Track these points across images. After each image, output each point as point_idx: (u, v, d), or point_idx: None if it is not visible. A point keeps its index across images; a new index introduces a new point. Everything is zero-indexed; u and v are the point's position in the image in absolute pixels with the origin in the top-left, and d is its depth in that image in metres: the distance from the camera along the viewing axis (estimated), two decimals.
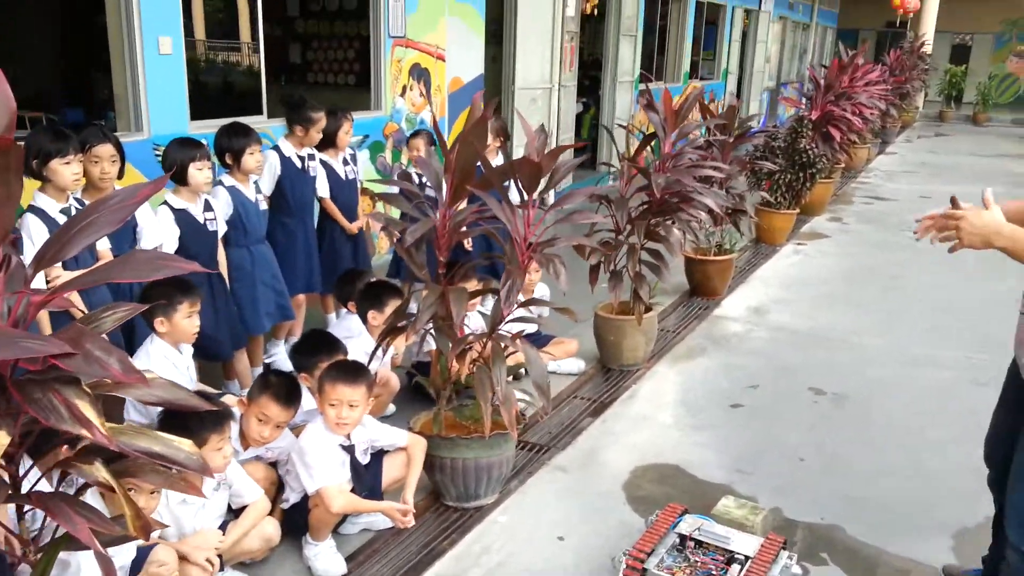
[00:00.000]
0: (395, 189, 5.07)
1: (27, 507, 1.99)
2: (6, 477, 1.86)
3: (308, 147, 4.94)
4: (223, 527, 3.04)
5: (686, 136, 5.72)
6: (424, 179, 3.97)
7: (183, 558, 2.78)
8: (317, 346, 3.71)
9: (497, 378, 3.31)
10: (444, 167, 3.47)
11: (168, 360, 3.47)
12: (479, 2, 8.29)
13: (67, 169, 3.46)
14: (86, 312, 2.37)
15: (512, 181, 3.47)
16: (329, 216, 5.15)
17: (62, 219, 3.46)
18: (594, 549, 3.38)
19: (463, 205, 3.61)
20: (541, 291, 5.43)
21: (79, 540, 1.83)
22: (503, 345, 3.46)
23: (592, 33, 13.90)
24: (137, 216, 3.84)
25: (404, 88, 7.39)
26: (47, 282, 3.21)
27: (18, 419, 1.78)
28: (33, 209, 3.45)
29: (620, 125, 9.18)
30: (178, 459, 1.91)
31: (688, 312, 6.52)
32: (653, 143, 5.41)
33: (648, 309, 5.20)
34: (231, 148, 4.29)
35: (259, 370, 4.61)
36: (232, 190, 4.32)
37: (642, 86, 9.23)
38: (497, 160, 5.39)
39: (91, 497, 2.29)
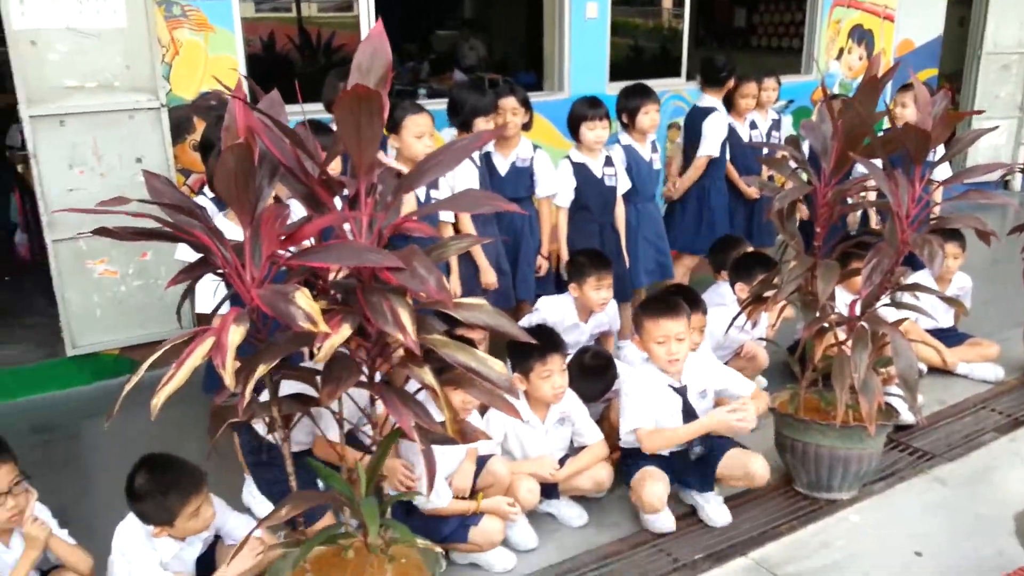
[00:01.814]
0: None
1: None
2: (363, 368, 2.23)
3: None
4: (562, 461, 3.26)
5: None
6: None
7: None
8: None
9: (857, 364, 3.04)
10: (831, 132, 3.24)
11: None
12: None
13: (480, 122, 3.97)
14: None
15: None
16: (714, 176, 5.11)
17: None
18: (956, 574, 2.97)
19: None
20: (961, 282, 4.76)
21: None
22: (872, 330, 3.15)
23: None
24: (535, 166, 4.23)
25: (841, 51, 6.92)
26: None
27: (369, 320, 2.12)
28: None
29: None
30: (490, 377, 2.11)
31: None
32: None
33: None
34: (627, 108, 4.48)
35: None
36: (627, 148, 4.50)
37: None
38: None
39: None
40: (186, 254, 3.15)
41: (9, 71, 4.02)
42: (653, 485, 3.15)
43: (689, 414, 3.29)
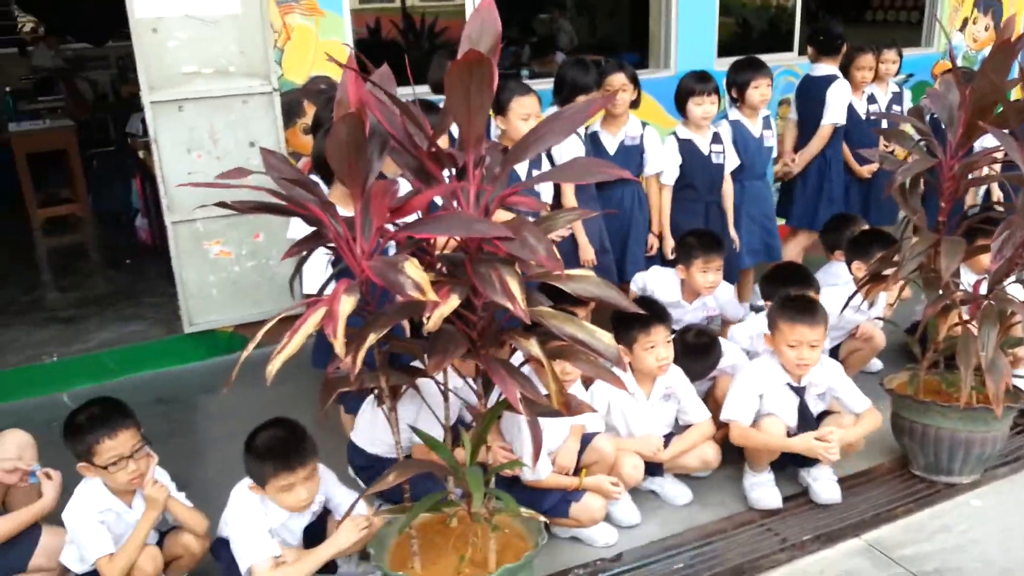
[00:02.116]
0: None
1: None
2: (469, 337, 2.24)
3: None
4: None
5: None
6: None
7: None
8: (786, 280, 3.61)
9: (984, 343, 2.88)
10: (959, 102, 3.06)
11: None
12: None
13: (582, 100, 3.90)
14: None
15: None
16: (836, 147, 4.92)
17: None
18: None
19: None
20: None
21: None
22: (1000, 308, 2.98)
23: None
24: (645, 143, 4.19)
25: (965, 21, 6.55)
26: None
27: (475, 291, 2.13)
28: None
29: None
30: (597, 348, 2.10)
31: None
32: None
33: None
34: (736, 82, 4.36)
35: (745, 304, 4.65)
36: (735, 124, 4.39)
37: None
38: None
39: None
40: (297, 232, 3.26)
41: (130, 63, 4.19)
42: (771, 419, 3.13)
43: (805, 415, 3.21)
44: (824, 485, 3.19)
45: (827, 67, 4.84)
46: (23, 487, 2.84)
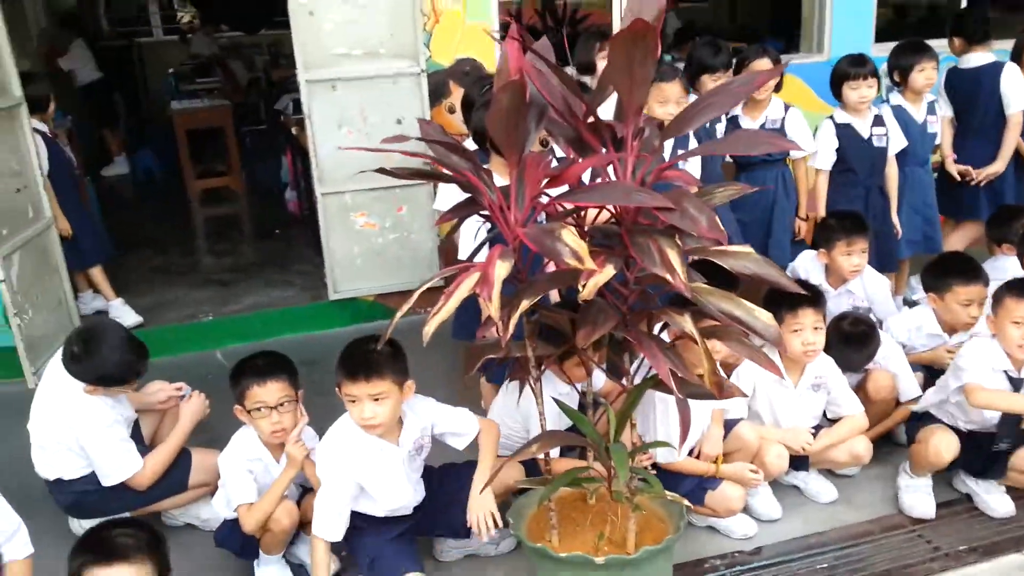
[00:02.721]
0: None
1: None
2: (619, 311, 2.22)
3: None
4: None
5: None
6: None
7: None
8: (949, 268, 3.40)
9: None
10: None
11: None
12: None
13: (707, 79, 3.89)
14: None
15: None
16: None
17: None
18: None
19: None
20: None
21: (664, 383, 2.11)
22: None
23: None
24: (787, 125, 4.05)
25: None
26: None
27: (628, 265, 2.10)
28: None
29: None
30: (755, 327, 2.03)
31: None
32: None
33: None
34: (899, 65, 4.16)
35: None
36: (896, 109, 4.17)
37: None
38: None
39: None
40: (444, 203, 3.31)
41: (281, 50, 4.36)
42: (945, 436, 2.96)
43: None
44: (997, 499, 3.00)
45: (981, 55, 4.47)
46: (172, 411, 3.13)
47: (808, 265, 3.78)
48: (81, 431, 2.84)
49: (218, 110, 7.78)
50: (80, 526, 2.99)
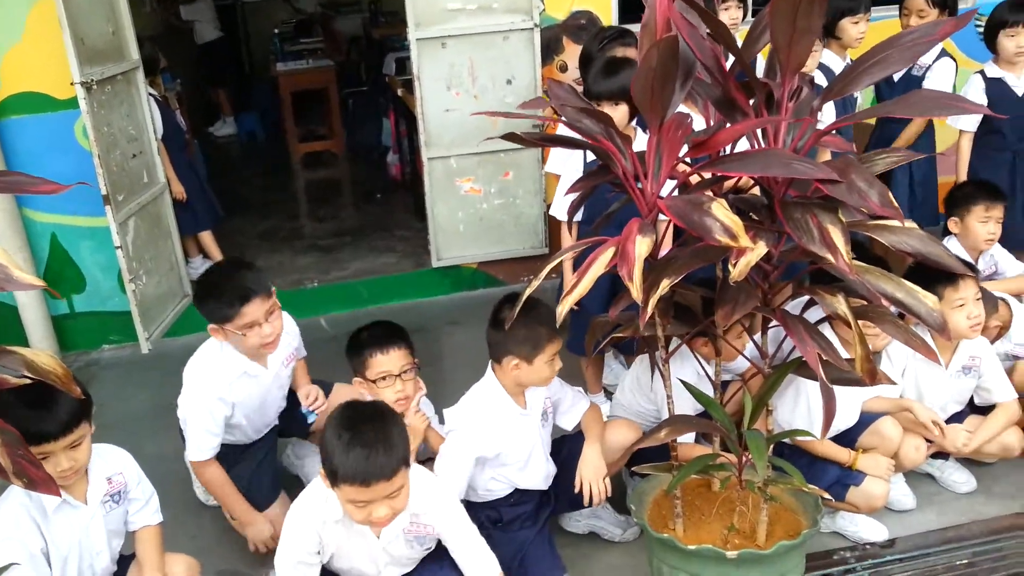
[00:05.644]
0: None
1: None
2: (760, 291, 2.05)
3: None
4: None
5: None
6: None
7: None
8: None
9: None
10: None
11: None
12: None
13: (855, 29, 3.66)
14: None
15: None
16: None
17: None
18: None
19: None
20: None
21: (808, 366, 1.94)
22: None
23: None
24: (930, 73, 3.79)
25: None
26: None
27: (779, 240, 1.93)
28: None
29: None
30: (918, 311, 1.85)
31: None
32: None
33: None
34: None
35: None
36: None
37: None
38: None
39: None
40: (556, 167, 3.17)
41: (381, 7, 4.22)
42: None
43: None
44: None
45: None
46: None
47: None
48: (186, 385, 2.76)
49: (322, 71, 7.72)
50: (204, 495, 3.01)
